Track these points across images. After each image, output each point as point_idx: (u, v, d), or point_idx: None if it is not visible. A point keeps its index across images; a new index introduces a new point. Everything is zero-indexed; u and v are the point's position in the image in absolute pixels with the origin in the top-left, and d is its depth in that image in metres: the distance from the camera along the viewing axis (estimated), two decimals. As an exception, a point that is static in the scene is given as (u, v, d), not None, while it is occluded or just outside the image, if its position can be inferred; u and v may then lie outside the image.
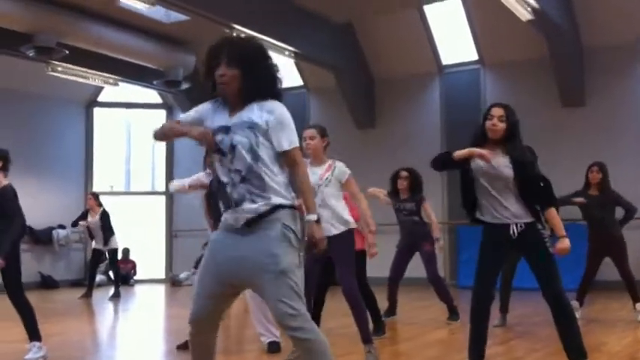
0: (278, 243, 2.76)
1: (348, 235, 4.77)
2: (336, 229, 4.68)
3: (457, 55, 12.31)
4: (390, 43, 12.24)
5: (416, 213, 7.06)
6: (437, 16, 11.93)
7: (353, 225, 4.82)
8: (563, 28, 10.08)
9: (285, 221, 2.79)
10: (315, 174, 4.72)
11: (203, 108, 2.96)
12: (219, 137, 2.83)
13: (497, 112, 4.03)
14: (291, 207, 2.84)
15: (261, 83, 2.85)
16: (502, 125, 4.00)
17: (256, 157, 2.79)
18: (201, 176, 5.73)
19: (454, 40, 12.20)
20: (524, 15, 8.93)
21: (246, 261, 2.77)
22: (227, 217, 2.87)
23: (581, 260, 6.85)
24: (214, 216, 5.15)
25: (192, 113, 2.97)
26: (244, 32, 9.72)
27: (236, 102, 2.88)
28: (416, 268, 7.43)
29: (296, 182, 2.90)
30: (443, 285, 7.10)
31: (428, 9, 11.71)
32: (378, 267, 6.92)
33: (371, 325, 5.37)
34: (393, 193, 7.17)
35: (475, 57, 12.07)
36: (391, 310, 7.20)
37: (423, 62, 12.31)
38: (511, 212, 3.97)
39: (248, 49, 2.88)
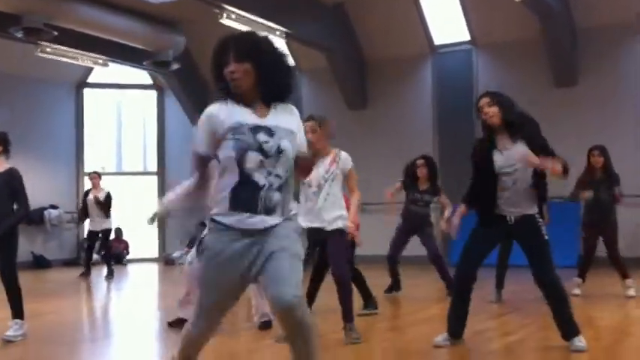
0: (292, 232, 2.77)
1: (345, 234, 4.82)
2: (338, 225, 4.74)
3: (449, 35, 12.28)
4: (382, 23, 12.20)
5: (430, 205, 7.20)
6: (429, -4, 11.90)
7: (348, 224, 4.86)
8: (556, 8, 10.07)
9: (294, 219, 2.84)
10: (319, 167, 4.73)
11: (211, 114, 2.76)
12: (262, 137, 2.69)
13: (483, 101, 4.09)
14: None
15: (276, 75, 2.75)
16: (494, 109, 4.02)
17: (291, 165, 2.77)
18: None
19: (446, 20, 12.16)
20: (517, -6, 8.93)
21: (260, 252, 2.70)
22: (240, 218, 2.71)
23: (572, 237, 6.93)
24: None
25: (203, 134, 2.76)
26: (234, 12, 9.67)
27: (254, 99, 2.76)
28: (410, 247, 7.49)
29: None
30: (443, 263, 7.19)
31: (420, -11, 11.68)
32: (372, 245, 7.00)
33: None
34: (410, 183, 7.23)
35: (467, 37, 12.05)
36: (396, 286, 7.35)
37: (415, 43, 12.28)
38: (516, 203, 4.01)
39: (255, 41, 2.76)
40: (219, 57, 2.74)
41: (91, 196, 10.69)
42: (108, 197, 10.61)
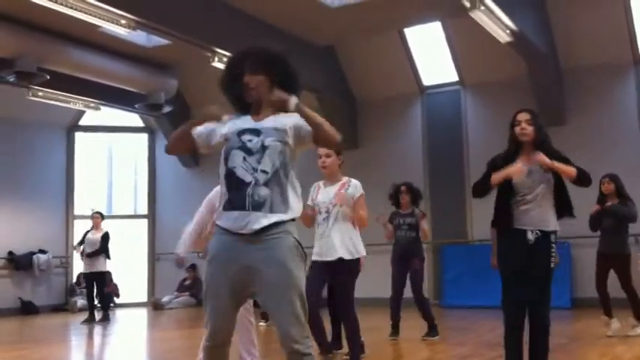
0: (291, 256, 2.74)
1: (354, 265, 4.77)
2: (343, 254, 4.71)
3: (438, 76, 12.44)
4: (372, 65, 12.35)
5: (415, 228, 7.19)
6: (417, 38, 12.07)
7: (363, 253, 4.84)
8: (542, 49, 10.23)
9: (295, 234, 2.80)
10: (328, 193, 4.76)
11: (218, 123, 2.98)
12: (246, 137, 2.83)
13: (523, 116, 4.17)
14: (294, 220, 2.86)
15: (286, 88, 2.92)
16: (531, 128, 4.10)
17: (284, 163, 2.82)
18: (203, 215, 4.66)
19: (434, 61, 12.33)
20: (503, 37, 9.06)
21: (258, 272, 2.71)
22: (233, 218, 2.76)
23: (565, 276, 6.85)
24: None
25: (203, 128, 2.95)
26: (225, 55, 9.76)
27: (260, 107, 2.93)
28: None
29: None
30: (427, 305, 7.13)
31: (408, 32, 11.85)
32: (367, 287, 6.94)
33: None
34: (395, 208, 7.36)
35: (455, 78, 12.21)
36: (395, 330, 7.18)
37: (404, 84, 12.42)
38: (537, 219, 4.02)
39: (269, 55, 2.96)
40: (234, 68, 2.94)
41: (89, 236, 10.55)
42: (105, 235, 10.50)
